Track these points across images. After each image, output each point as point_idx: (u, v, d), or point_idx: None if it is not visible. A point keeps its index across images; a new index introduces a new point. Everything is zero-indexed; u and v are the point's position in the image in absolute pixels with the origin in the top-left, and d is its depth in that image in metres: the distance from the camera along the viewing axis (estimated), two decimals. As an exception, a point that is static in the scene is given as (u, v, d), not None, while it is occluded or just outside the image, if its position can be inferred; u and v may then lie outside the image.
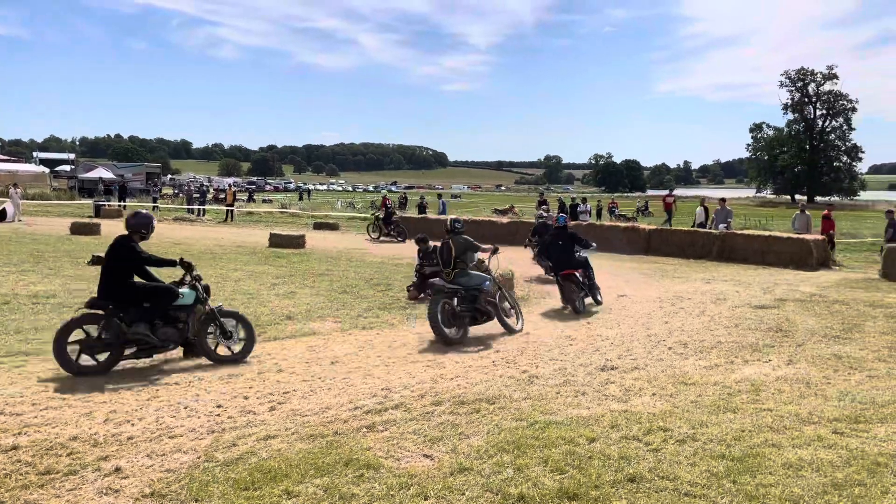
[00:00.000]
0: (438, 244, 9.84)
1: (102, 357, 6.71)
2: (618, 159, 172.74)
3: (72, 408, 5.59)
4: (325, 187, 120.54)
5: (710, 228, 21.57)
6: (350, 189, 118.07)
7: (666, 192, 29.46)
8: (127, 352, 6.84)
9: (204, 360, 7.24)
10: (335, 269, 15.26)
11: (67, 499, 3.98)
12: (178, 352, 7.43)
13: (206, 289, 7.53)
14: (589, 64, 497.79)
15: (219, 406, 5.74)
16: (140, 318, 6.88)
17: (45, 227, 24.58)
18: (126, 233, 7.24)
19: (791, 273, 16.80)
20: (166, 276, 7.82)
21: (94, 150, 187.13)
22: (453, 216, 11.96)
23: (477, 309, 8.90)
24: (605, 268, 17.42)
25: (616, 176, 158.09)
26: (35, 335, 7.97)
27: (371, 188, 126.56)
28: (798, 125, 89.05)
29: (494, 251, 9.69)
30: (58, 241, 19.22)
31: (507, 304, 9.45)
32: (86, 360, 6.64)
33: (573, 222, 23.94)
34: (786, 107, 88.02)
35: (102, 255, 14.48)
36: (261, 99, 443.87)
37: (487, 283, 9.20)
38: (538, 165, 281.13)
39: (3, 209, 27.92)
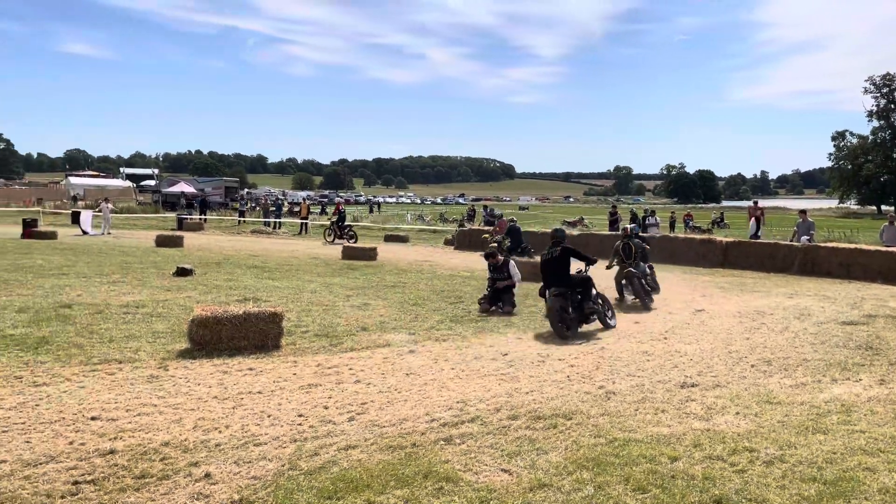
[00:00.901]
0: (511, 258, 10.04)
1: None
2: (690, 169, 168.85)
3: (163, 414, 5.84)
4: (394, 200, 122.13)
5: (792, 241, 20.78)
6: (419, 201, 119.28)
7: (750, 204, 28.53)
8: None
9: (285, 370, 7.45)
10: (407, 282, 15.43)
11: (161, 503, 4.16)
12: (256, 360, 7.69)
13: None
14: (659, 73, 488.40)
15: (300, 415, 5.89)
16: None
17: (133, 240, 25.80)
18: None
19: (879, 287, 15.99)
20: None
21: (176, 165, 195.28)
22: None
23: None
24: (680, 281, 17.02)
25: (689, 187, 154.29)
26: (127, 344, 8.37)
27: (439, 200, 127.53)
28: (884, 132, 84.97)
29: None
30: (144, 253, 20.14)
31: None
32: None
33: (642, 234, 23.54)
34: (870, 114, 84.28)
35: (187, 266, 15.17)
36: (332, 114, 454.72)
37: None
38: (607, 176, 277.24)
39: (80, 215, 29.43)
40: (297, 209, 43.48)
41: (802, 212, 21.98)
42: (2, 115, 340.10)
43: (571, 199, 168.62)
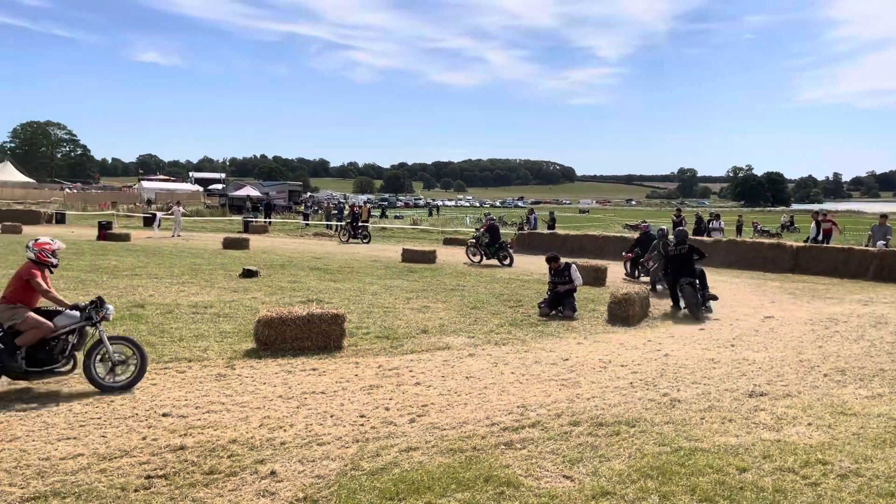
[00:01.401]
0: (573, 262, 9.94)
1: None
2: (758, 171, 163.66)
3: (230, 412, 6.00)
4: (452, 203, 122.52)
5: (867, 246, 19.90)
6: (477, 205, 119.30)
7: (816, 210, 27.48)
8: None
9: (347, 371, 7.56)
10: (466, 285, 15.45)
11: (229, 498, 4.27)
12: (319, 360, 7.82)
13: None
14: (726, 73, 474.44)
15: (362, 416, 5.97)
16: None
17: (201, 242, 26.62)
18: None
19: (965, 295, 15.16)
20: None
21: (241, 169, 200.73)
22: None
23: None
24: (747, 287, 16.51)
25: (757, 189, 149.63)
26: (196, 343, 8.64)
27: (498, 203, 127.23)
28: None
29: None
30: (212, 255, 20.76)
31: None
32: None
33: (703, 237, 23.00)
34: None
35: (252, 268, 15.56)
36: (392, 118, 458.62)
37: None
38: (671, 179, 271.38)
39: (154, 215, 30.61)
40: (358, 212, 44.06)
41: (883, 216, 21.02)
42: (80, 122, 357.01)
43: (633, 202, 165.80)
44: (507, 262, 20.78)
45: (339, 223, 36.51)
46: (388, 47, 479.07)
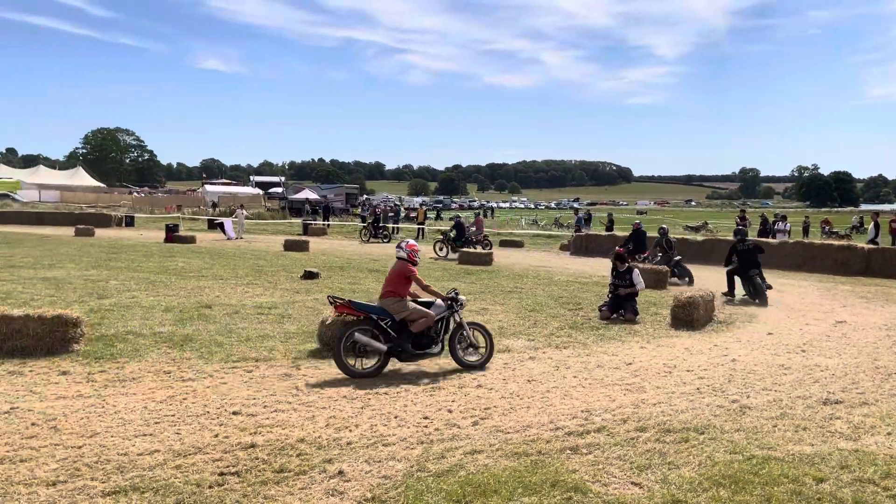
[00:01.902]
0: (637, 264, 9.79)
1: None
2: (825, 171, 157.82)
3: (297, 412, 6.12)
4: (507, 205, 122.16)
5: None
6: (532, 206, 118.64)
7: (876, 210, 26.43)
8: None
9: (409, 372, 7.61)
10: (523, 287, 15.37)
11: (300, 497, 4.35)
12: (392, 363, 7.89)
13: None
14: (789, 70, 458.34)
15: (425, 417, 6.00)
16: None
17: (262, 244, 27.24)
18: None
19: None
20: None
21: (300, 173, 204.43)
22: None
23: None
24: (816, 290, 15.96)
25: (823, 189, 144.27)
26: (262, 343, 8.84)
27: (553, 205, 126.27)
28: None
29: None
30: (274, 257, 21.23)
31: None
32: None
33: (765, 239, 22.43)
34: None
35: (313, 270, 15.83)
36: (447, 120, 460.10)
37: None
38: (732, 179, 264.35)
39: (222, 223, 31.42)
40: (413, 215, 44.42)
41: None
42: (146, 128, 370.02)
43: (693, 203, 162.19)
44: None
45: (395, 225, 36.82)
46: (443, 50, 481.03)
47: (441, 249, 23.82)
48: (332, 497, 4.35)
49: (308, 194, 53.41)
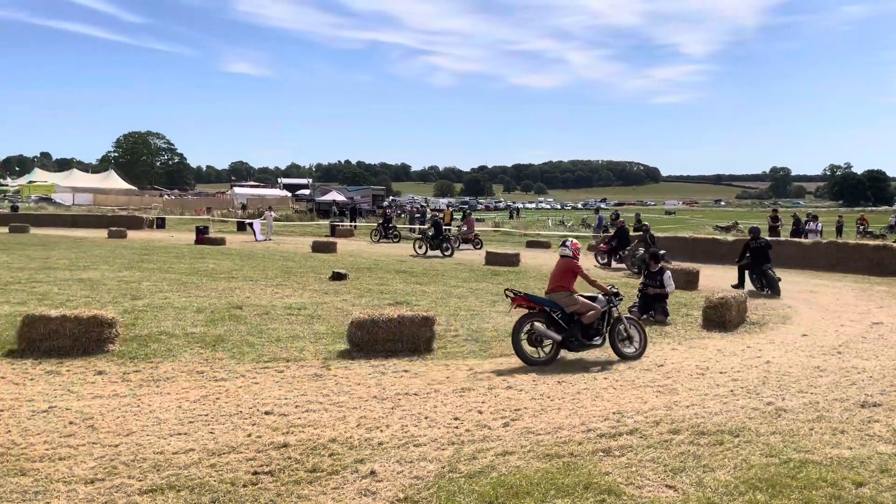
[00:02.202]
0: (668, 265, 9.78)
1: None
2: (858, 169, 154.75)
3: (328, 412, 6.15)
4: (533, 206, 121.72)
5: None
6: (558, 207, 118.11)
7: None
8: None
9: (438, 373, 7.61)
10: (552, 288, 15.27)
11: (332, 497, 4.37)
12: (410, 362, 7.91)
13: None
14: (820, 66, 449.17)
15: (455, 418, 6.00)
16: None
17: (291, 246, 27.47)
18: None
19: None
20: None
21: (327, 175, 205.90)
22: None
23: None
24: (850, 291, 15.65)
25: (856, 188, 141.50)
26: (292, 343, 8.91)
27: (580, 205, 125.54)
28: None
29: None
30: (302, 258, 21.39)
31: None
32: None
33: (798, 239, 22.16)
34: None
35: (341, 271, 15.92)
36: (472, 121, 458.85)
37: None
38: (762, 178, 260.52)
39: (252, 225, 31.78)
40: (440, 216, 44.45)
41: None
42: (176, 131, 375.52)
43: (722, 203, 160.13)
44: (447, 253, 23.67)
45: (421, 227, 36.90)
46: (468, 51, 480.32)
47: (420, 248, 24.52)
48: (364, 497, 4.37)
49: (335, 196, 53.72)
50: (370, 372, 7.62)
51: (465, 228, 28.94)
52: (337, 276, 15.70)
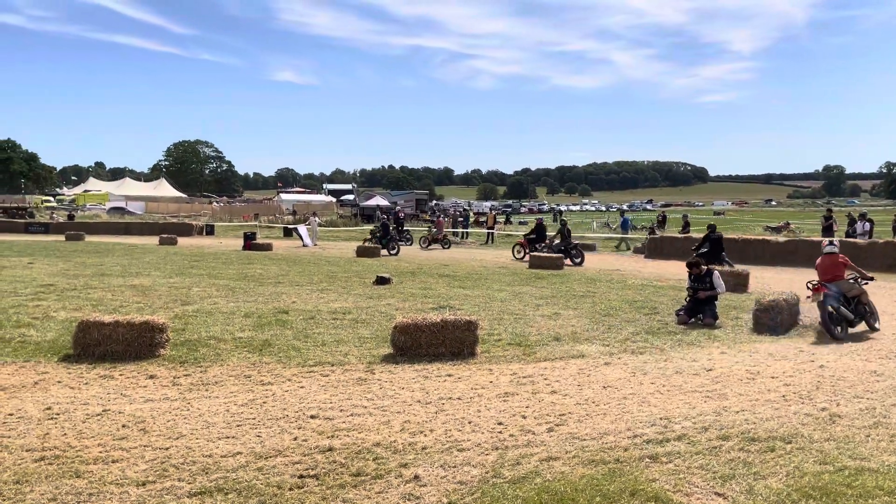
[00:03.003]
0: (717, 267, 9.68)
1: None
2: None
3: (372, 416, 6.19)
4: (577, 208, 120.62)
5: None
6: (603, 208, 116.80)
7: None
8: None
9: (482, 378, 7.59)
10: (596, 291, 15.13)
11: (377, 501, 4.39)
12: (453, 366, 7.91)
13: None
14: (874, 61, 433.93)
15: (499, 423, 5.97)
16: None
17: (336, 251, 27.78)
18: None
19: None
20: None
21: (371, 180, 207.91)
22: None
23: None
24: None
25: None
26: (337, 347, 9.00)
27: (625, 207, 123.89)
28: None
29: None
30: (347, 263, 21.61)
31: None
32: None
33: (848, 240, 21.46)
34: None
35: (385, 275, 16.04)
36: (515, 124, 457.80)
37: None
38: (815, 177, 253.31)
39: (297, 230, 32.26)
40: (482, 219, 44.44)
41: None
42: (224, 139, 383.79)
43: (773, 203, 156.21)
44: (393, 251, 26.04)
45: (465, 230, 36.89)
46: (510, 54, 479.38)
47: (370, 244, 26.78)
48: (408, 501, 4.38)
49: (379, 201, 54.21)
50: (414, 376, 7.64)
51: (435, 230, 31.66)
52: (381, 281, 15.81)
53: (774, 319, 10.36)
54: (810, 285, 10.33)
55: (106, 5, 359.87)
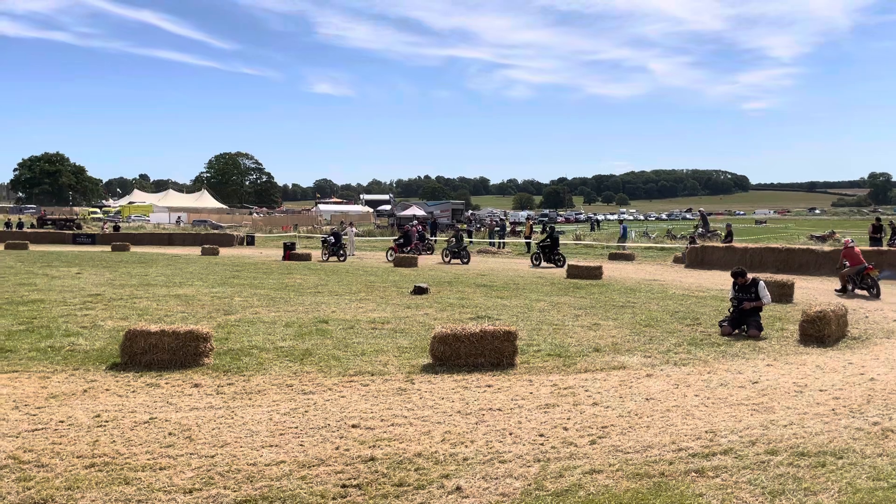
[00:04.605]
0: (759, 276, 9.39)
1: None
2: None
3: (413, 426, 6.20)
4: (615, 217, 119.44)
5: None
6: (641, 218, 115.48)
7: None
8: None
9: (522, 389, 7.55)
10: (636, 301, 14.95)
11: (419, 510, 4.40)
12: (493, 377, 7.89)
13: None
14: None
15: (541, 435, 5.93)
16: None
17: (373, 261, 27.96)
18: None
19: None
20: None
21: (407, 190, 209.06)
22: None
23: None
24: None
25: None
26: (376, 357, 9.05)
27: (664, 216, 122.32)
28: None
29: None
30: (384, 273, 21.73)
31: None
32: None
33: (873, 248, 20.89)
34: None
35: (423, 285, 16.08)
36: (551, 133, 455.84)
37: None
38: (860, 185, 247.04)
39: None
40: (519, 229, 44.30)
41: None
42: (264, 151, 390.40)
43: (817, 211, 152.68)
44: (342, 259, 27.99)
45: (501, 240, 36.81)
46: (545, 63, 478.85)
47: (324, 253, 28.45)
48: (450, 513, 4.37)
49: (415, 211, 54.45)
50: (453, 386, 7.64)
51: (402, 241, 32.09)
52: (418, 291, 15.86)
53: (822, 331, 10.10)
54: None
55: (150, 22, 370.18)
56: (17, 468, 5.06)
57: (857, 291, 16.35)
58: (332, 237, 29.05)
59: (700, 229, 24.86)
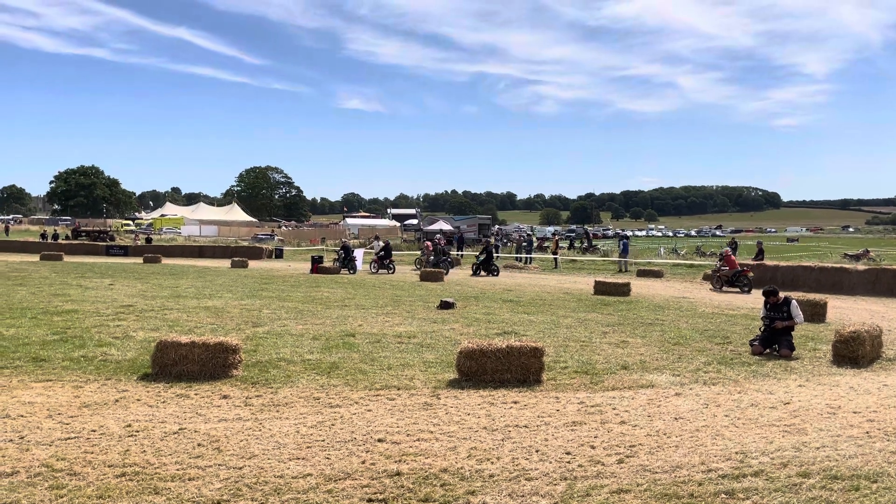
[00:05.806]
0: (791, 295, 9.25)
1: None
2: None
3: (438, 441, 6.19)
4: (643, 233, 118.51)
5: None
6: (670, 234, 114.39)
7: None
8: None
9: (548, 406, 7.51)
10: (665, 319, 14.80)
11: (445, 526, 4.39)
12: (519, 393, 7.84)
13: None
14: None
15: (567, 453, 5.88)
16: None
17: (400, 275, 28.04)
18: None
19: None
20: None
21: (434, 205, 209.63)
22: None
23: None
24: None
25: None
26: (402, 371, 9.07)
27: (693, 233, 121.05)
28: None
29: None
30: (411, 287, 21.79)
31: None
32: None
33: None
34: None
35: (449, 300, 16.09)
36: (578, 149, 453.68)
37: None
38: (895, 203, 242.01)
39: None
40: (546, 244, 44.14)
41: None
42: (293, 165, 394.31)
43: (851, 229, 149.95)
44: (352, 272, 28.75)
45: (528, 255, 36.71)
46: (574, 79, 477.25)
47: (372, 266, 29.56)
48: (476, 530, 4.35)
49: (442, 225, 54.54)
50: (479, 402, 7.62)
51: (382, 254, 31.07)
52: (445, 305, 15.87)
53: (856, 351, 9.90)
54: None
55: (185, 38, 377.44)
56: (51, 476, 5.15)
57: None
58: (342, 251, 30.23)
59: (718, 263, 24.19)
